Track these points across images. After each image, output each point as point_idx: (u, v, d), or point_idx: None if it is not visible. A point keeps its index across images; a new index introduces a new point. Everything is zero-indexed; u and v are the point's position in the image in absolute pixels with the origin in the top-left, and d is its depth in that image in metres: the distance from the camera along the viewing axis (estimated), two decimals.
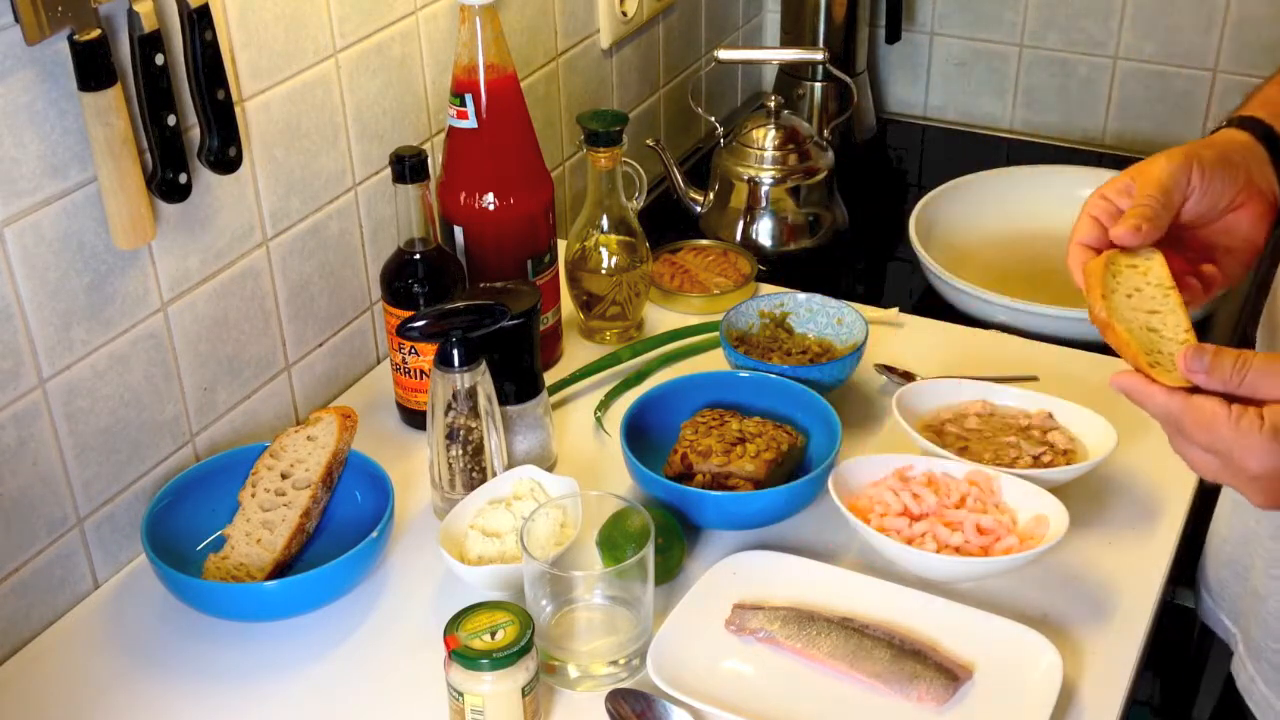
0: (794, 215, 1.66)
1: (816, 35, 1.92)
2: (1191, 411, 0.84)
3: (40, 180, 1.02)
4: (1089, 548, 1.16)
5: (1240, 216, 0.97)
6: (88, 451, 1.12)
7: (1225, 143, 0.98)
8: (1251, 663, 1.12)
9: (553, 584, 1.05)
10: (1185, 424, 0.85)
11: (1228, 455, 0.83)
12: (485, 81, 1.29)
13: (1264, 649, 1.10)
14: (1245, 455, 0.82)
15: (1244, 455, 0.82)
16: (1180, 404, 0.85)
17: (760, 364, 1.31)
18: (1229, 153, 0.96)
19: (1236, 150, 0.97)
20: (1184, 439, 0.86)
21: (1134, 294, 0.95)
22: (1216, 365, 0.83)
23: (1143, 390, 0.87)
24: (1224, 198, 0.96)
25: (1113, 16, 1.92)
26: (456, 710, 0.98)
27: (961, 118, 2.08)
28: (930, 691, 1.00)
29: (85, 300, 1.08)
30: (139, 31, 1.03)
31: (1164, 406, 0.86)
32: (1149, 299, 0.94)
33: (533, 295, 1.22)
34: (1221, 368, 0.83)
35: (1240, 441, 0.82)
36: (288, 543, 1.13)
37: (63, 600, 1.13)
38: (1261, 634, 1.10)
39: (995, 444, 1.22)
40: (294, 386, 1.33)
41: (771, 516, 1.18)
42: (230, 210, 1.20)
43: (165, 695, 1.05)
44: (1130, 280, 0.95)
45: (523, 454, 1.25)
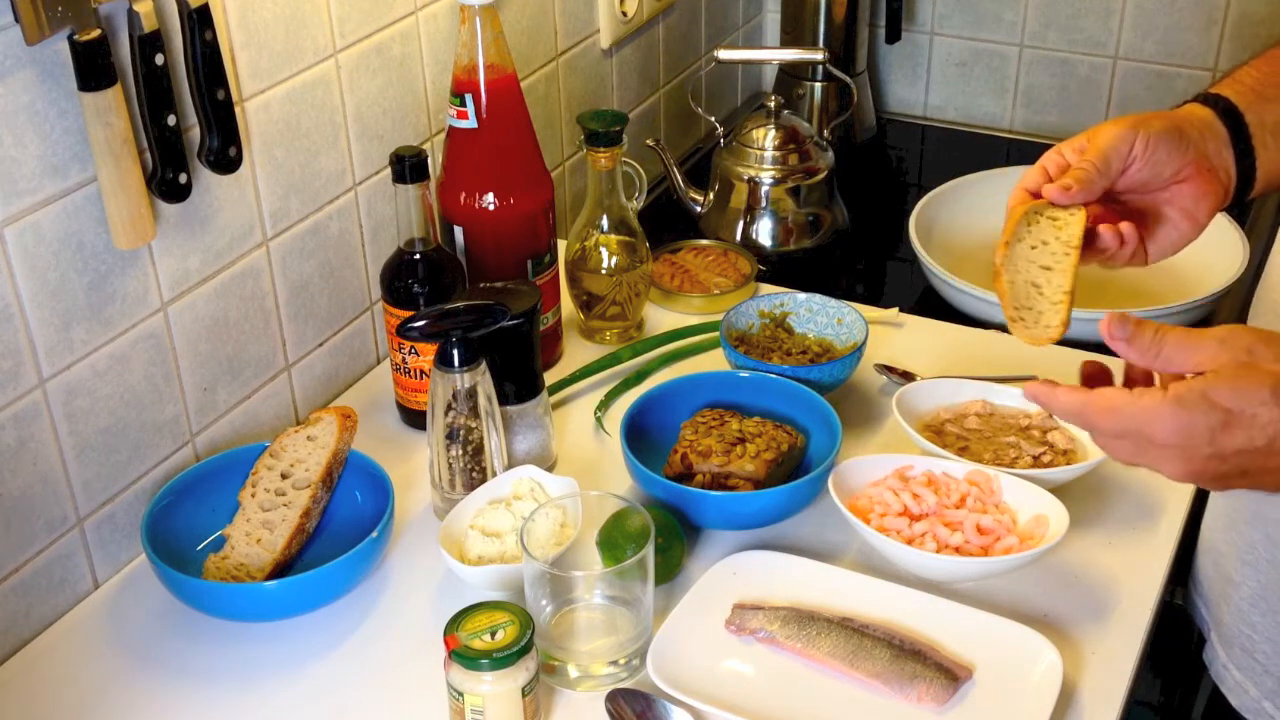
0: (794, 215, 1.66)
1: (816, 35, 1.92)
2: (1094, 401, 0.86)
3: (40, 180, 1.02)
4: (1089, 548, 1.16)
5: (1183, 189, 0.98)
6: (88, 451, 1.12)
7: (1183, 116, 0.99)
8: (1224, 649, 1.13)
9: (553, 584, 1.05)
10: (1090, 414, 0.86)
11: (1137, 433, 0.85)
12: (485, 81, 1.29)
13: (1237, 635, 1.11)
14: (1150, 427, 0.84)
15: (1150, 427, 0.84)
16: (1082, 398, 0.87)
17: (760, 364, 1.31)
18: (1183, 126, 0.97)
19: (1193, 125, 0.98)
20: (1097, 432, 0.88)
21: (1039, 246, 0.98)
22: (1137, 334, 0.85)
23: (1048, 394, 0.89)
24: (1167, 169, 0.97)
25: (1113, 16, 1.92)
26: (456, 710, 0.98)
27: (961, 118, 2.08)
28: (930, 691, 1.00)
29: (85, 300, 1.08)
30: (139, 31, 1.03)
31: (1068, 404, 0.87)
32: (1049, 254, 0.98)
33: (533, 295, 1.22)
34: (1141, 338, 0.85)
35: (1142, 415, 0.83)
36: (288, 543, 1.13)
37: (63, 600, 1.13)
38: (1234, 620, 1.11)
39: (995, 444, 1.22)
40: (294, 386, 1.33)
41: (771, 516, 1.18)
42: (230, 210, 1.20)
43: (165, 695, 1.05)
44: (1043, 231, 0.98)
45: (523, 454, 1.25)
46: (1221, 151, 0.98)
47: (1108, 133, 0.96)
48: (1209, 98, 1.00)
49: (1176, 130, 0.96)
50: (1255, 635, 1.08)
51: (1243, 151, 0.98)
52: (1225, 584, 1.12)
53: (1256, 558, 1.06)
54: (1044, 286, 0.99)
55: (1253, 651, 1.08)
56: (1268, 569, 1.05)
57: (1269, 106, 0.99)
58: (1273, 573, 1.05)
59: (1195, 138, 0.97)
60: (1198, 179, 0.97)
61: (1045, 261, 0.98)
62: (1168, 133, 0.96)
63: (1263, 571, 1.06)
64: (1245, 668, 1.10)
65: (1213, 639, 1.14)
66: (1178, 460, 0.85)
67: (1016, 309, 1.00)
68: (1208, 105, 0.99)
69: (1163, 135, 0.96)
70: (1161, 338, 0.84)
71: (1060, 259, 0.98)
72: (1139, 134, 0.96)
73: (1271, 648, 1.07)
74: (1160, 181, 0.98)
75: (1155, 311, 1.45)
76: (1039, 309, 1.00)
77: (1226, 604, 1.12)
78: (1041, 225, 0.99)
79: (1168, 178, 0.97)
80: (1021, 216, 0.99)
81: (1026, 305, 1.00)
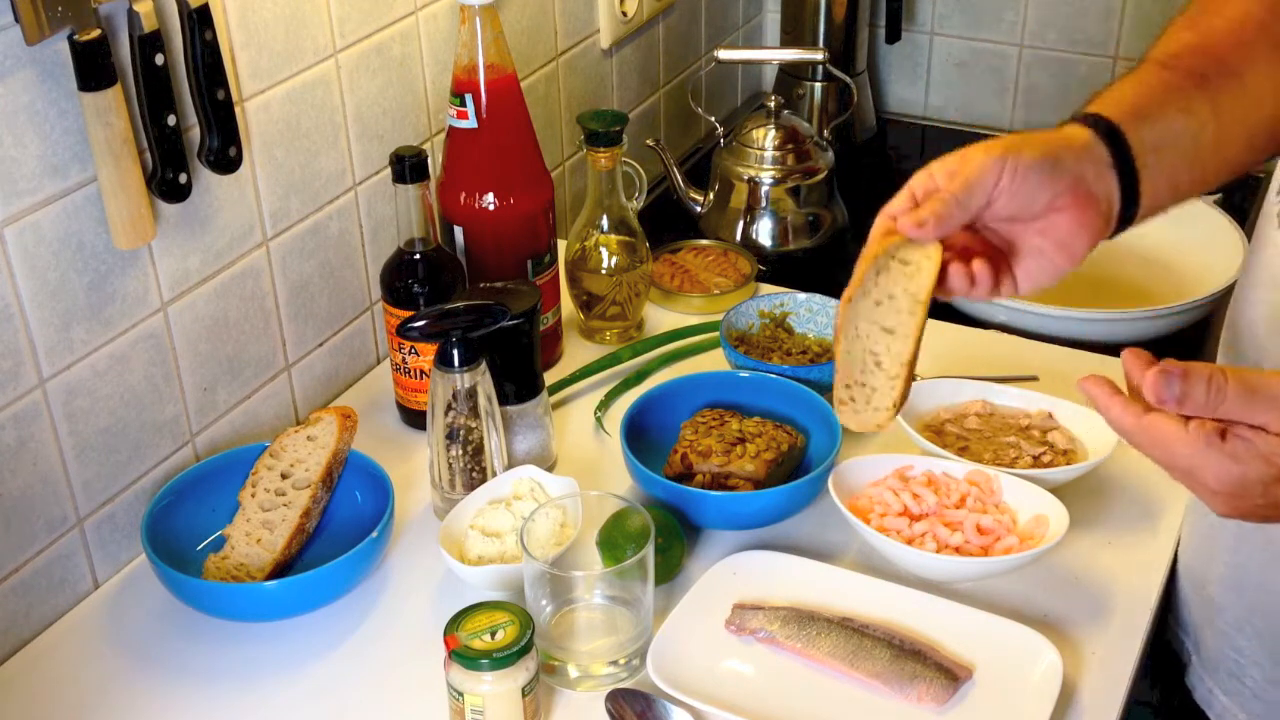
0: (794, 215, 1.66)
1: (816, 35, 1.92)
2: (1145, 433, 0.82)
3: (40, 180, 1.02)
4: (1089, 548, 1.16)
5: (1058, 220, 0.90)
6: (88, 451, 1.12)
7: (1059, 141, 0.91)
8: (1209, 675, 1.10)
9: (553, 584, 1.05)
10: (1141, 443, 0.83)
11: (1187, 472, 0.82)
12: (485, 81, 1.29)
13: (1221, 659, 1.09)
14: (1203, 472, 0.81)
15: (1202, 472, 0.81)
16: (1133, 423, 0.82)
17: (760, 364, 1.31)
18: (1059, 153, 0.89)
19: (1070, 151, 0.90)
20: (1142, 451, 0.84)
21: (884, 302, 0.90)
22: (1188, 395, 0.78)
23: (1106, 401, 0.83)
24: (1038, 200, 0.89)
25: (1113, 16, 1.92)
26: (456, 710, 0.98)
27: (961, 118, 2.08)
28: (930, 691, 1.00)
29: (85, 300, 1.08)
30: (139, 31, 1.03)
31: (1119, 421, 0.83)
32: (894, 312, 0.90)
33: (533, 295, 1.22)
34: (1193, 398, 0.79)
35: (1196, 459, 0.80)
36: (288, 543, 1.13)
37: (63, 600, 1.13)
38: (1219, 644, 1.09)
39: (995, 444, 1.22)
40: (294, 386, 1.33)
41: (771, 516, 1.18)
42: (230, 210, 1.20)
43: (165, 695, 1.05)
44: (891, 282, 0.90)
45: (523, 454, 1.25)
46: (1103, 175, 0.91)
47: (975, 160, 0.88)
48: (1088, 118, 0.93)
49: (1051, 158, 0.89)
50: (1242, 659, 1.06)
51: (1125, 173, 0.92)
52: (1206, 607, 1.10)
53: (1241, 581, 1.04)
54: (883, 356, 0.91)
55: (1240, 676, 1.07)
56: (1255, 592, 1.04)
57: (1149, 124, 0.93)
58: (1260, 595, 1.03)
59: (1072, 164, 0.89)
60: (1074, 209, 0.90)
61: (889, 322, 0.90)
62: (1040, 162, 0.88)
63: (1247, 595, 1.04)
64: (1233, 692, 1.08)
65: (1195, 664, 1.13)
66: (1225, 504, 0.83)
67: (848, 387, 0.92)
68: (1087, 125, 0.92)
69: (1034, 165, 0.87)
70: (1219, 396, 0.78)
71: (904, 319, 0.90)
72: (1007, 163, 0.87)
73: (1260, 672, 1.05)
74: (1031, 213, 0.89)
75: (1155, 311, 1.45)
76: (873, 385, 0.92)
77: (1209, 628, 1.10)
78: (891, 273, 0.90)
79: (1040, 209, 0.89)
80: (870, 264, 0.90)
81: (860, 381, 0.92)
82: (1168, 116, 0.94)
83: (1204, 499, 0.84)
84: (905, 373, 0.91)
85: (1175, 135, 0.94)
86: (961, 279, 0.90)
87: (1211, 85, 0.95)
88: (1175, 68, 0.96)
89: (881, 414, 0.92)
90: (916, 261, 0.89)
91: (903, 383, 0.91)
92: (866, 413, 0.93)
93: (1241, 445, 0.79)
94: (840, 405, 0.94)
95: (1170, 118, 0.94)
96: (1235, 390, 0.78)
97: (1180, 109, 0.94)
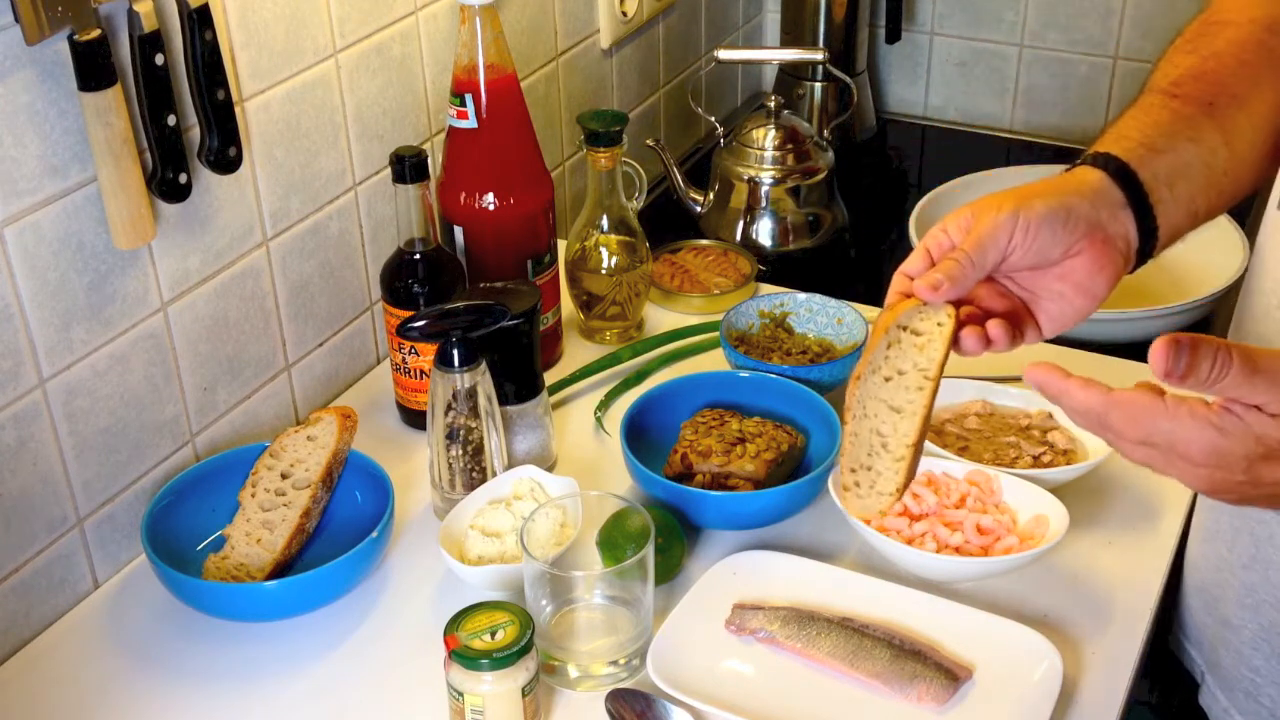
0: (794, 215, 1.66)
1: (816, 35, 1.92)
2: (1118, 408, 0.79)
3: (40, 180, 1.02)
4: (1089, 548, 1.16)
5: (1076, 265, 0.90)
6: (88, 451, 1.12)
7: (1072, 188, 0.90)
8: (1224, 694, 1.09)
9: (553, 584, 1.05)
10: (1112, 417, 0.80)
11: (1168, 447, 0.79)
12: (485, 81, 1.29)
13: (1238, 679, 1.08)
14: (1186, 445, 0.78)
15: (1185, 445, 0.78)
16: (1102, 400, 0.80)
17: (760, 364, 1.31)
18: (1070, 202, 0.89)
19: (1084, 196, 0.90)
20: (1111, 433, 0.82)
21: (894, 378, 0.88)
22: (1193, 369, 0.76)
23: (1060, 386, 0.81)
24: (1054, 251, 0.89)
25: (1113, 16, 1.92)
26: (456, 710, 0.98)
27: (961, 118, 2.08)
28: (930, 691, 1.00)
29: (85, 300, 1.08)
30: (139, 31, 1.03)
31: (1084, 402, 0.81)
32: (903, 389, 0.88)
33: (533, 295, 1.22)
34: (1198, 372, 0.76)
35: (1179, 431, 0.78)
36: (288, 543, 1.13)
37: (63, 600, 1.13)
38: (1234, 663, 1.08)
39: (995, 444, 1.22)
40: (294, 386, 1.33)
41: (771, 516, 1.18)
42: (230, 210, 1.20)
43: (165, 695, 1.05)
44: (902, 357, 0.88)
45: (523, 454, 1.25)
46: (1117, 216, 0.91)
47: (987, 218, 0.87)
48: (1098, 158, 0.93)
49: (1062, 209, 0.88)
50: (1259, 679, 1.06)
51: (1141, 211, 0.92)
52: (1221, 627, 1.09)
53: (1257, 600, 1.04)
54: (889, 438, 0.89)
55: (1257, 695, 1.06)
56: (1270, 611, 1.03)
57: (1161, 158, 0.92)
58: (1274, 615, 1.03)
59: (1085, 211, 0.89)
60: (1091, 252, 0.89)
61: (897, 401, 0.88)
62: (1052, 214, 0.87)
63: (1264, 614, 1.03)
64: (1249, 712, 1.07)
65: (1209, 683, 1.12)
66: (1205, 479, 0.80)
67: (853, 471, 0.90)
68: (1097, 167, 0.92)
69: (1045, 218, 0.87)
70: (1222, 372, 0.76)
71: (913, 396, 0.88)
72: (1019, 220, 0.87)
73: (1277, 690, 1.05)
74: (1048, 262, 0.89)
75: (1155, 311, 1.45)
76: (878, 469, 0.89)
77: (1224, 647, 1.09)
78: (902, 346, 0.88)
79: (1056, 257, 0.89)
80: (882, 335, 0.88)
81: (866, 464, 0.90)
82: (1178, 147, 0.93)
83: (1180, 475, 0.81)
84: (910, 455, 0.89)
85: (1187, 165, 0.93)
86: (976, 342, 0.89)
87: (1219, 111, 0.95)
88: (1180, 96, 0.96)
89: (884, 500, 0.90)
90: (928, 332, 0.88)
91: (907, 465, 0.89)
92: (870, 498, 0.90)
93: (1231, 420, 0.78)
94: (843, 491, 0.91)
95: (1180, 148, 0.93)
96: (1238, 368, 0.76)
97: (1189, 138, 0.94)
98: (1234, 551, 1.05)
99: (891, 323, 0.88)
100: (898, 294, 0.90)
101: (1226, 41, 0.98)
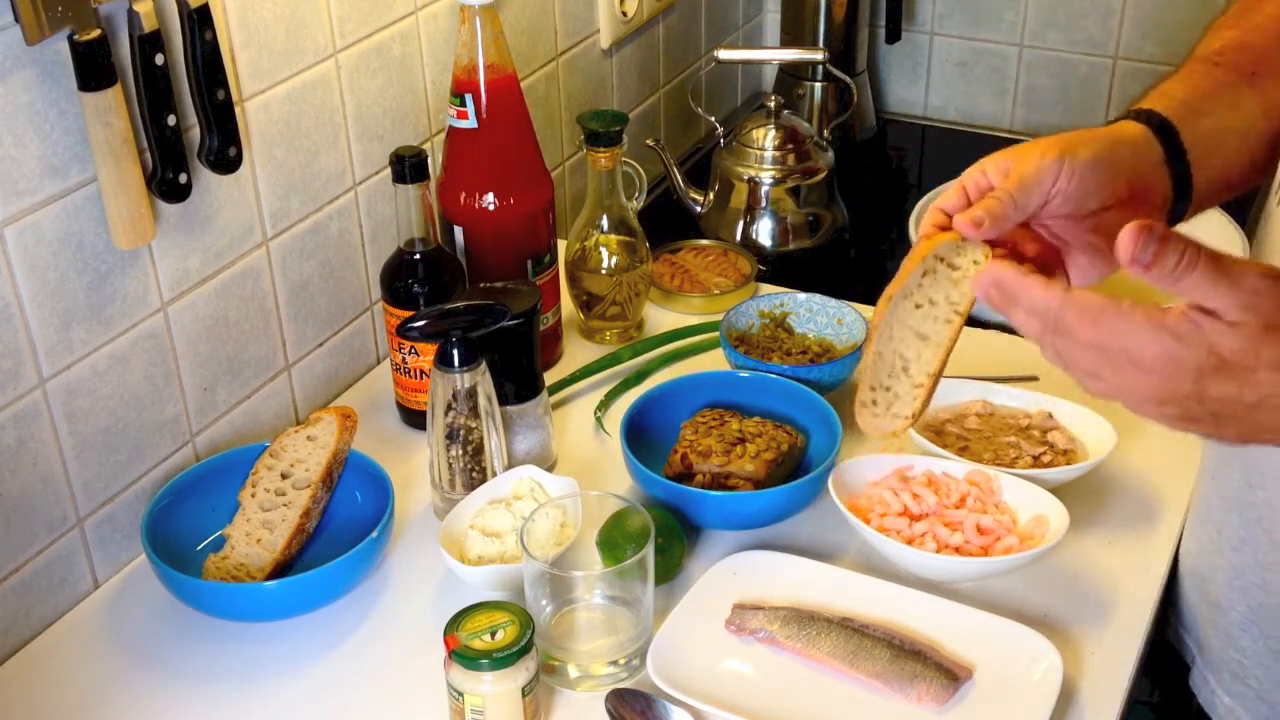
0: (794, 215, 1.66)
1: (816, 35, 1.92)
2: (1074, 305, 0.78)
3: (40, 180, 1.02)
4: (1089, 548, 1.16)
5: (1112, 216, 0.89)
6: (88, 451, 1.12)
7: (1114, 138, 0.91)
8: (1212, 676, 1.10)
9: (553, 584, 1.05)
10: (1067, 318, 0.78)
11: (1120, 350, 0.77)
12: (485, 81, 1.29)
13: (1225, 660, 1.08)
14: (1139, 347, 0.77)
15: (1138, 347, 0.77)
16: (1060, 297, 0.79)
17: (760, 364, 1.31)
18: (1113, 151, 0.90)
19: (1124, 148, 0.91)
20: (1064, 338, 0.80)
21: (924, 306, 0.89)
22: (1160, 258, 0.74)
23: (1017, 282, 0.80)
24: (1093, 199, 0.89)
25: (1113, 16, 1.92)
26: (456, 710, 0.98)
27: (961, 118, 2.08)
28: (930, 691, 1.00)
29: (85, 300, 1.08)
30: (139, 31, 1.03)
31: (1042, 300, 0.80)
32: (930, 319, 0.89)
33: (533, 295, 1.22)
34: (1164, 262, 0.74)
35: (1133, 332, 0.77)
36: (288, 543, 1.13)
37: (63, 600, 1.13)
38: (1222, 645, 1.08)
39: (995, 444, 1.22)
40: (294, 386, 1.33)
41: (771, 516, 1.18)
42: (230, 210, 1.20)
43: (165, 695, 1.05)
44: (934, 287, 0.88)
45: (523, 454, 1.25)
46: (1156, 170, 0.92)
47: (1031, 160, 0.87)
48: (1140, 113, 0.94)
49: (1107, 156, 0.89)
50: (1246, 660, 1.06)
51: (1179, 168, 0.93)
52: (1210, 608, 1.09)
53: (1245, 582, 1.04)
54: (912, 364, 0.90)
55: (1244, 677, 1.07)
56: (1258, 593, 1.03)
57: (1202, 120, 0.94)
58: (1262, 596, 1.03)
59: (1128, 161, 0.90)
60: (1128, 205, 0.90)
61: (924, 329, 0.89)
62: (1096, 160, 0.88)
63: (1252, 596, 1.04)
64: (1236, 694, 1.08)
65: (1199, 664, 1.13)
66: (1153, 388, 0.78)
67: (873, 389, 0.91)
68: (1140, 121, 0.93)
69: (1091, 164, 0.88)
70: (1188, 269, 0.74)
71: (940, 328, 0.89)
72: (1064, 164, 0.87)
73: (1264, 672, 1.05)
74: (1085, 210, 0.89)
75: None
76: (896, 391, 0.90)
77: (1213, 628, 1.09)
78: (937, 277, 0.88)
79: (1095, 206, 0.89)
80: (918, 264, 0.88)
81: (885, 385, 0.91)
82: (1218, 112, 0.95)
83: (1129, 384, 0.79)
84: (930, 383, 0.90)
85: (1225, 130, 0.95)
86: None
87: (1259, 81, 0.96)
88: (1222, 64, 0.98)
89: (899, 422, 0.91)
90: (964, 268, 0.88)
91: (925, 393, 0.90)
92: (885, 418, 0.92)
93: (1188, 326, 0.76)
94: (861, 407, 0.93)
95: (1220, 113, 0.95)
96: (1205, 266, 0.74)
97: (1229, 104, 0.95)
98: (1224, 534, 1.06)
99: (929, 252, 0.88)
100: (932, 225, 0.90)
101: (1268, 16, 1.00)
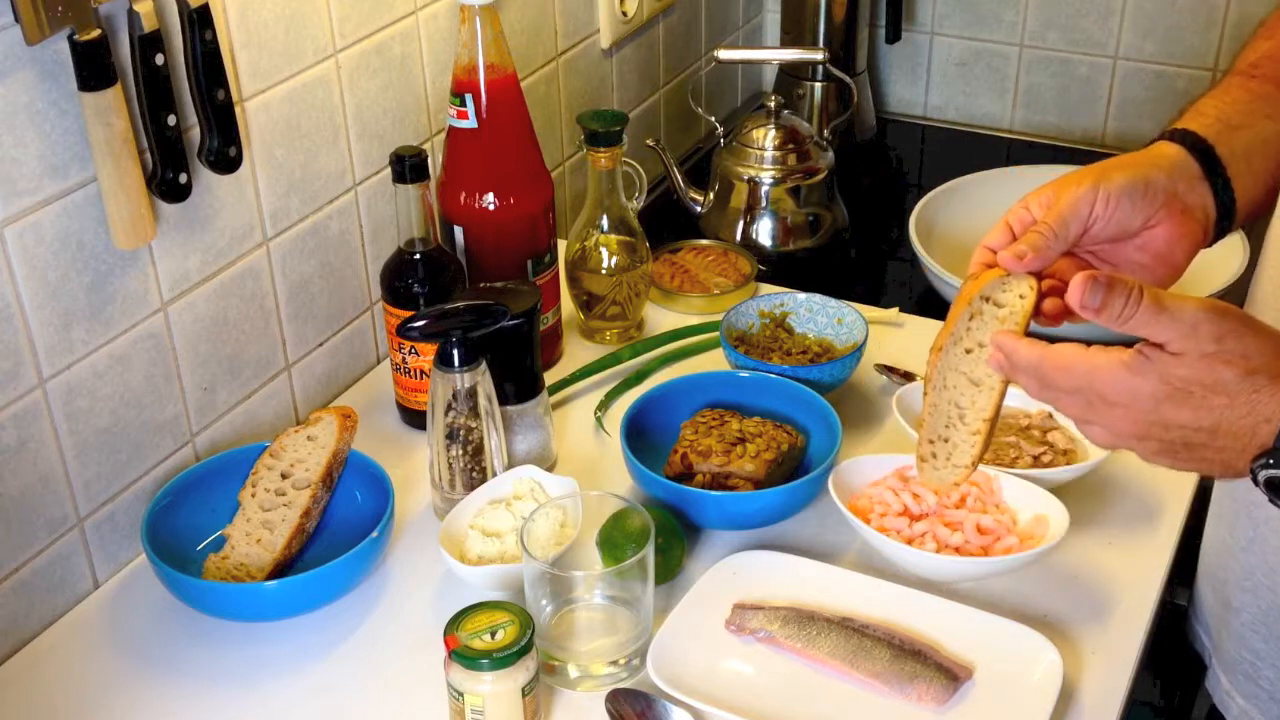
0: (794, 215, 1.66)
1: (816, 35, 1.92)
2: (1049, 358, 0.85)
3: (40, 180, 1.02)
4: (1089, 548, 1.16)
5: (1156, 235, 0.94)
6: (88, 451, 1.12)
7: (1150, 161, 0.95)
8: (1226, 676, 1.11)
9: (553, 584, 1.05)
10: (1045, 369, 0.86)
11: (1088, 389, 0.84)
12: (485, 81, 1.29)
13: (1238, 661, 1.09)
14: (1101, 384, 0.84)
15: (1100, 384, 0.84)
16: (1039, 353, 0.86)
17: (760, 364, 1.31)
18: (1149, 173, 0.93)
19: (1162, 169, 0.94)
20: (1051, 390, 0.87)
21: (974, 350, 0.90)
22: (1108, 304, 0.82)
23: (1012, 345, 0.87)
24: (1134, 221, 0.93)
25: (1113, 16, 1.92)
26: (456, 710, 0.98)
27: (961, 118, 2.08)
28: (930, 691, 1.00)
29: (85, 300, 1.08)
30: (139, 31, 1.03)
31: (1028, 358, 0.86)
32: (981, 362, 0.90)
33: (533, 295, 1.22)
34: (1112, 306, 0.82)
35: (1094, 372, 0.84)
36: (288, 543, 1.13)
37: (63, 600, 1.13)
38: (1235, 646, 1.09)
39: (995, 444, 1.22)
40: (294, 386, 1.33)
41: (771, 516, 1.18)
42: (230, 210, 1.20)
43: (165, 695, 1.05)
44: (984, 329, 0.90)
45: (523, 454, 1.25)
46: (1195, 188, 0.95)
47: (1068, 192, 0.91)
48: (1175, 134, 0.97)
49: (1142, 180, 0.93)
50: (1259, 661, 1.07)
51: (1219, 184, 0.95)
52: (1224, 610, 1.10)
53: (1255, 584, 1.05)
54: (967, 411, 0.90)
55: (1256, 678, 1.07)
56: (1267, 594, 1.04)
57: (1238, 134, 0.96)
58: (1271, 597, 1.04)
59: (1164, 183, 0.93)
60: (1170, 223, 0.94)
61: (976, 374, 0.90)
62: (1131, 185, 0.92)
63: (1262, 597, 1.05)
64: (1249, 695, 1.08)
65: (1214, 665, 1.13)
66: (1124, 420, 0.85)
67: (931, 443, 0.92)
68: (1175, 141, 0.96)
69: (1125, 189, 0.92)
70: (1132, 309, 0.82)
71: (991, 371, 0.89)
72: (1099, 192, 0.91)
73: (1275, 673, 1.05)
74: (1128, 233, 0.94)
75: None
76: (954, 441, 0.91)
77: (1226, 629, 1.10)
78: (984, 318, 0.90)
79: (1136, 228, 0.94)
80: (965, 307, 0.90)
81: (943, 436, 0.91)
82: (1255, 124, 0.97)
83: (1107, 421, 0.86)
84: (986, 429, 0.90)
85: (1264, 140, 0.97)
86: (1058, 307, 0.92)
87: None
88: (1258, 76, 1.00)
89: (960, 472, 0.92)
90: (1010, 304, 0.89)
91: (983, 439, 0.90)
92: (945, 470, 0.92)
93: (1140, 360, 0.83)
94: (921, 462, 0.93)
95: (1258, 125, 0.97)
96: (1146, 306, 0.82)
97: (1266, 115, 0.98)
98: (1235, 535, 1.07)
99: (975, 294, 0.90)
100: (979, 265, 0.93)
101: None
